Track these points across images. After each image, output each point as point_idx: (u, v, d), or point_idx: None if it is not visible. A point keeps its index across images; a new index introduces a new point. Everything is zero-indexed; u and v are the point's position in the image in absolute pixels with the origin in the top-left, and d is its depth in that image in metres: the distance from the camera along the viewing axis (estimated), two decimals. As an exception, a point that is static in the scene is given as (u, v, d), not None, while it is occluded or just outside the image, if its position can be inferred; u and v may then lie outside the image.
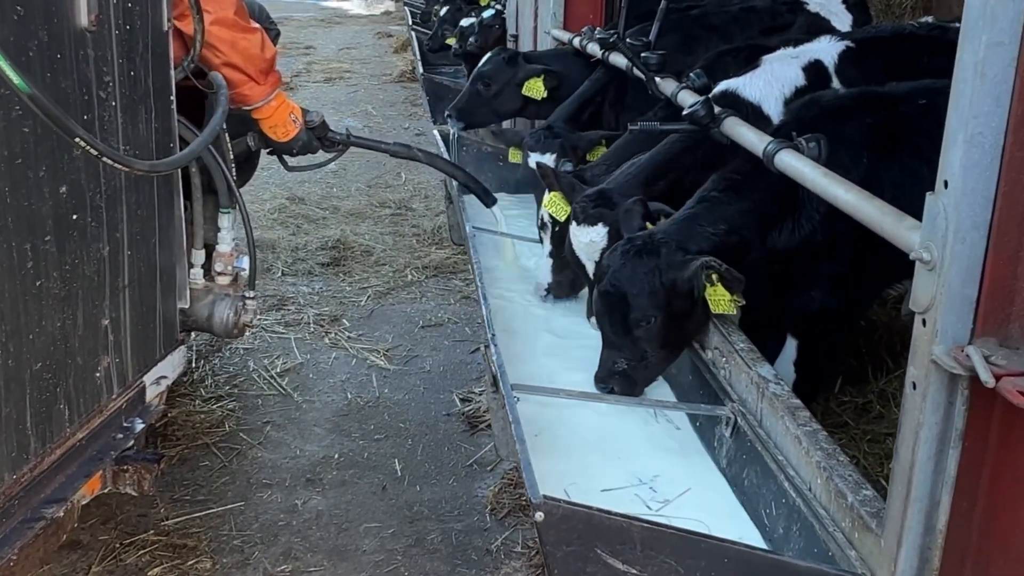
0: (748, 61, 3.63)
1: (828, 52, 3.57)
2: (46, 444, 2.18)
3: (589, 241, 3.12)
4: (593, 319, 3.75)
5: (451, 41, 7.40)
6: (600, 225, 3.11)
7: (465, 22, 7.00)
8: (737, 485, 2.43)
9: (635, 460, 2.60)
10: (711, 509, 2.36)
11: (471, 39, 6.79)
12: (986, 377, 1.49)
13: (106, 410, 2.43)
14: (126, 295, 2.46)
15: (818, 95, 2.95)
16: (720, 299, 2.68)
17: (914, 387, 1.70)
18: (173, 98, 2.62)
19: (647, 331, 2.78)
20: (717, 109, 2.87)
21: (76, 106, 2.15)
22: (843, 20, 4.73)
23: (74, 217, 2.18)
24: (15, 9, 1.91)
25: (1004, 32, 1.46)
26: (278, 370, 4.42)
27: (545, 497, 1.68)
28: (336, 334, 4.82)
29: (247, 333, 4.77)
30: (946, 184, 1.57)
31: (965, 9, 1.50)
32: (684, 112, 2.93)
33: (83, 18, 2.13)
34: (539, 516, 1.67)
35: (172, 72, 2.59)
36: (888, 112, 2.74)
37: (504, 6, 6.83)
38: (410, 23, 11.07)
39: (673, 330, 2.82)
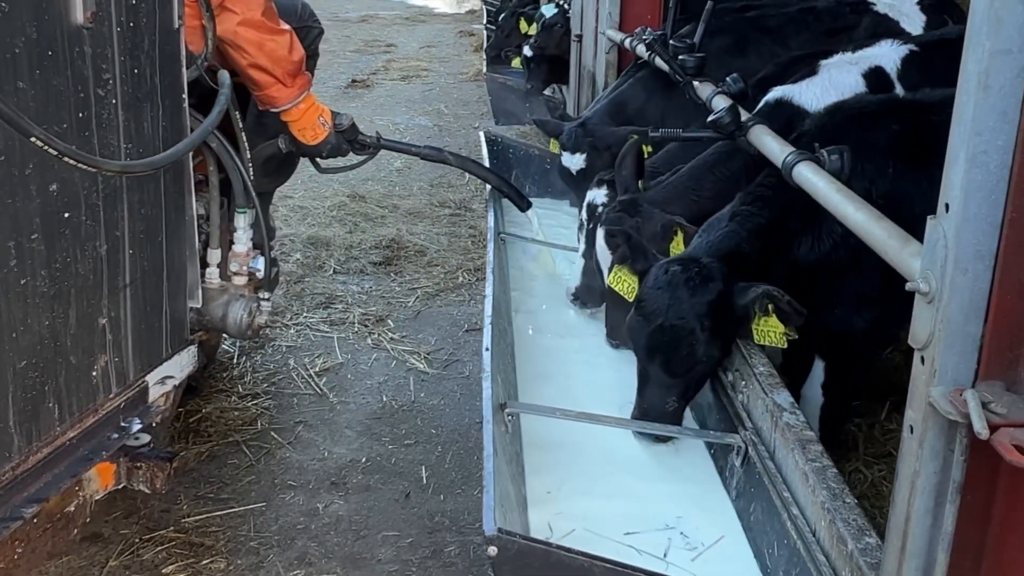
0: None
1: (890, 57, 3.36)
2: (32, 442, 2.17)
3: (602, 246, 3.00)
4: (571, 295, 3.62)
5: (516, 63, 7.29)
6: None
7: (528, 51, 6.86)
8: (744, 519, 2.28)
9: (652, 489, 2.47)
10: (716, 547, 2.22)
11: (534, 40, 6.67)
12: (979, 427, 1.32)
13: (102, 409, 2.41)
14: (127, 294, 2.44)
15: (844, 101, 2.76)
16: (771, 331, 2.51)
17: (911, 431, 1.53)
18: (185, 96, 2.59)
19: (707, 365, 2.61)
20: (744, 116, 2.70)
21: (70, 104, 2.13)
22: (915, 22, 4.44)
23: (66, 215, 2.16)
24: (-1, 6, 1.89)
25: (1011, 39, 1.29)
26: (317, 369, 4.40)
27: (500, 530, 1.57)
28: (379, 335, 4.78)
29: (292, 331, 4.85)
30: (947, 208, 1.41)
31: (969, 13, 1.34)
32: (709, 119, 2.78)
33: (78, 15, 2.11)
34: (492, 551, 1.56)
35: (184, 70, 2.56)
36: (917, 120, 2.54)
37: (568, 3, 6.70)
38: (485, 21, 11.05)
39: (720, 359, 2.66)
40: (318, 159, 3.59)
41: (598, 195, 3.56)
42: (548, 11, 6.77)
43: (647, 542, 2.24)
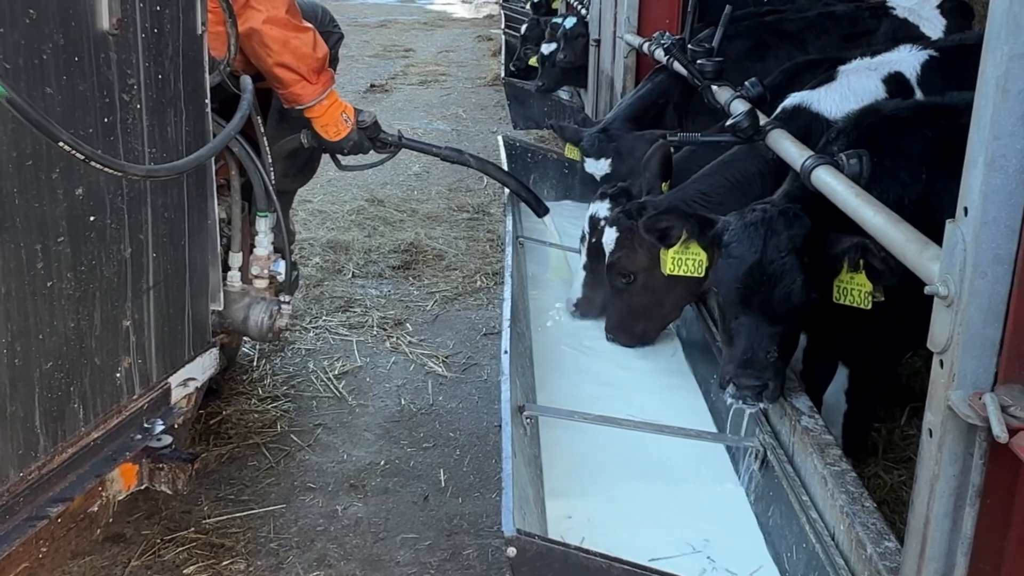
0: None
1: (909, 62, 3.32)
2: (57, 443, 2.19)
3: (606, 243, 3.02)
4: (572, 306, 3.62)
5: (533, 62, 7.32)
6: (614, 229, 3.01)
7: (546, 49, 6.89)
8: (762, 523, 2.27)
9: (676, 504, 2.44)
10: (738, 556, 2.20)
11: (560, 55, 6.69)
12: (998, 430, 1.32)
13: (125, 410, 2.43)
14: (150, 297, 2.47)
15: (878, 104, 2.73)
16: (856, 288, 2.36)
17: (930, 435, 1.53)
18: (208, 101, 2.62)
19: (805, 309, 2.43)
20: (763, 120, 2.70)
21: (95, 109, 2.16)
22: (935, 26, 4.42)
23: (91, 219, 2.19)
24: (26, 12, 1.92)
25: (1031, 43, 1.30)
26: (336, 372, 4.43)
27: (519, 531, 1.58)
28: (398, 338, 4.80)
29: (311, 334, 4.88)
30: (966, 211, 1.41)
31: (988, 18, 1.34)
32: (727, 123, 2.77)
33: (104, 22, 2.14)
34: (511, 551, 1.57)
35: (207, 75, 2.59)
36: (949, 125, 2.50)
37: (587, 10, 6.72)
38: (503, 26, 11.07)
39: (816, 307, 2.46)
40: (339, 156, 3.62)
41: (600, 208, 3.56)
42: (568, 24, 6.78)
43: (675, 570, 2.18)
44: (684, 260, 2.76)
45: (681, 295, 3.25)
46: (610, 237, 3.10)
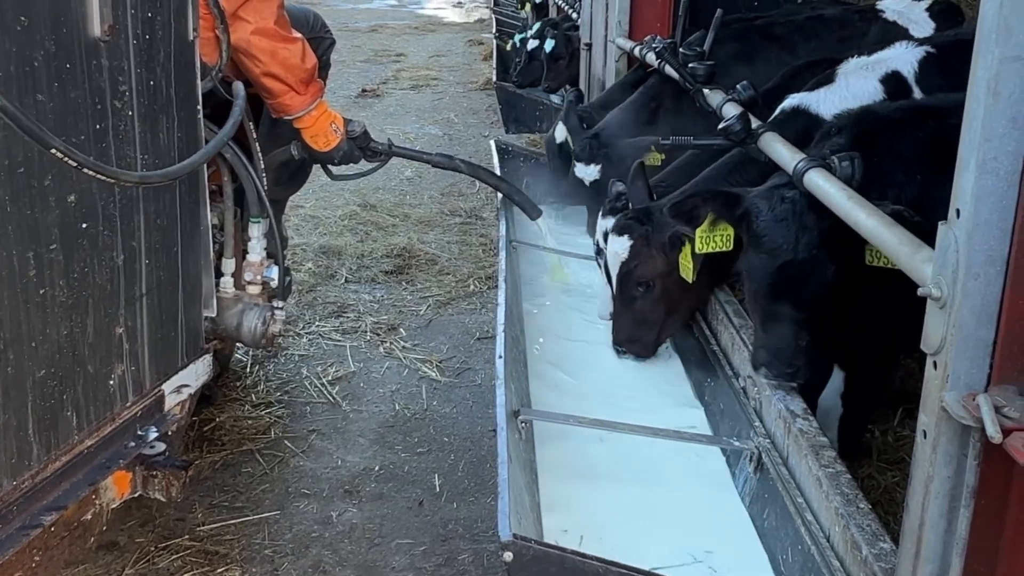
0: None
1: (906, 60, 3.26)
2: (50, 451, 2.19)
3: (614, 252, 2.99)
4: (607, 312, 3.55)
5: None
6: (625, 237, 2.98)
7: (530, 44, 6.89)
8: (757, 525, 2.28)
9: (674, 510, 2.43)
10: (735, 559, 2.20)
11: (544, 84, 6.71)
12: (992, 431, 1.33)
13: (119, 418, 2.43)
14: (143, 304, 2.46)
15: (872, 107, 2.73)
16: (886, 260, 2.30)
17: (925, 436, 1.54)
18: (199, 107, 2.62)
19: (835, 293, 2.44)
20: (755, 123, 2.70)
21: (87, 116, 2.15)
22: (924, 28, 4.43)
23: (83, 226, 2.18)
24: (18, 20, 1.92)
25: (1021, 46, 1.31)
26: (330, 378, 4.42)
27: (515, 536, 1.58)
28: (391, 343, 4.79)
29: (305, 340, 4.88)
30: (958, 213, 1.42)
31: (978, 21, 1.35)
32: (719, 126, 2.77)
33: (96, 28, 2.14)
34: (508, 556, 1.57)
35: (199, 81, 2.59)
36: (939, 126, 2.50)
37: (578, 13, 6.74)
38: (494, 31, 11.09)
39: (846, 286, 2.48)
40: (330, 166, 3.62)
41: (609, 224, 3.50)
42: (547, 46, 6.82)
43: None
44: (712, 237, 2.73)
45: (700, 292, 3.22)
46: (623, 246, 3.05)
